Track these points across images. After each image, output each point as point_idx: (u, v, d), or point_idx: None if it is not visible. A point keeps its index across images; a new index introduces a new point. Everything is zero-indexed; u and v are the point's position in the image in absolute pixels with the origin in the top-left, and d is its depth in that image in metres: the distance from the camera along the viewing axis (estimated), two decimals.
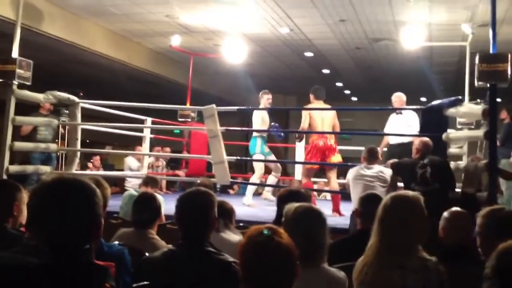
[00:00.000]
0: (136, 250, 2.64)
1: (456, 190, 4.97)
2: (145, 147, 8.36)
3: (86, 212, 1.43)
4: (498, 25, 5.47)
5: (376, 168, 5.14)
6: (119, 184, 9.28)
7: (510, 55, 4.63)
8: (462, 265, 2.46)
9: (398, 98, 6.87)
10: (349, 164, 6.78)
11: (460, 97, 5.66)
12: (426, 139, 5.04)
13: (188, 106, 9.70)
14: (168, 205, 3.94)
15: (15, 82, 5.81)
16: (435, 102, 5.71)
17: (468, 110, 5.42)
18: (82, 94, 7.10)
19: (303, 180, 6.58)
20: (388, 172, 5.13)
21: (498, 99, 4.76)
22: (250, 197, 7.07)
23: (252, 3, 8.06)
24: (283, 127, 15.20)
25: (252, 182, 7.23)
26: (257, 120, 7.10)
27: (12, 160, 6.28)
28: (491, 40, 4.72)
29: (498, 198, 4.82)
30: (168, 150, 10.18)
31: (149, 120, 8.28)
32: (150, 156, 8.91)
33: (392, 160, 5.31)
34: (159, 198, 3.62)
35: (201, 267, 2.17)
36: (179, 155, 9.84)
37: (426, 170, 4.76)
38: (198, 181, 5.17)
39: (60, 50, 9.81)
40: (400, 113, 6.76)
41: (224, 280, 2.12)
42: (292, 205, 2.36)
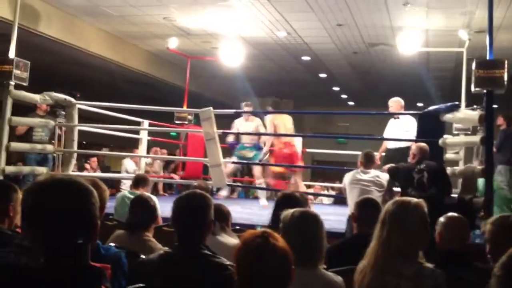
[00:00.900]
0: (131, 252, 2.62)
1: (452, 195, 4.98)
2: (142, 149, 8.33)
3: (81, 213, 1.40)
4: (495, 31, 5.49)
5: (373, 173, 5.13)
6: (115, 186, 9.26)
7: (506, 62, 4.65)
8: (457, 271, 2.46)
9: (395, 103, 6.81)
10: (345, 168, 6.78)
11: (456, 102, 5.68)
12: (422, 144, 5.05)
13: (185, 108, 9.69)
14: (165, 207, 3.93)
15: (12, 83, 5.80)
16: (431, 108, 5.73)
17: (464, 116, 5.43)
18: (79, 96, 7.06)
19: (271, 181, 7.13)
20: (384, 177, 5.12)
21: (495, 105, 4.78)
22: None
23: (249, 7, 8.07)
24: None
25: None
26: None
27: (8, 161, 6.25)
28: (488, 46, 4.74)
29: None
30: (165, 152, 10.17)
31: (146, 123, 8.25)
32: (148, 159, 8.90)
33: (388, 165, 5.31)
34: (154, 199, 3.59)
35: (197, 270, 2.16)
36: (176, 158, 9.82)
37: (423, 175, 4.76)
38: (195, 183, 5.14)
39: (57, 51, 9.80)
40: (398, 118, 6.76)
41: (220, 283, 2.11)
42: (289, 211, 2.36)
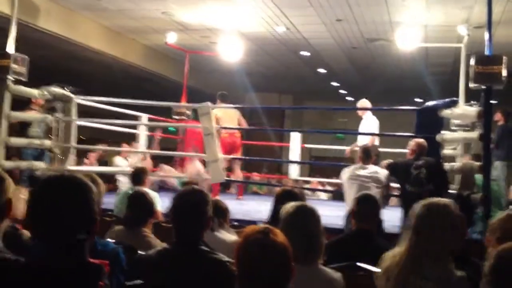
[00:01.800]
0: (129, 248, 2.62)
1: (450, 191, 4.98)
2: (140, 144, 8.31)
3: (81, 209, 1.44)
4: (493, 27, 5.47)
5: (371, 169, 5.14)
6: (112, 181, 9.23)
7: (505, 58, 4.65)
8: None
9: (360, 105, 7.31)
10: (342, 164, 6.79)
11: (455, 98, 5.68)
12: (421, 140, 5.05)
13: (183, 103, 9.66)
14: (164, 202, 3.92)
15: (10, 78, 5.78)
16: (430, 103, 5.73)
17: (463, 112, 5.43)
18: (78, 90, 7.03)
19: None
20: (382, 173, 5.13)
21: (493, 101, 4.78)
22: None
23: (249, 1, 8.05)
24: (279, 126, 15.24)
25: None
26: None
27: (4, 156, 6.22)
28: (487, 42, 4.74)
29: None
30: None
31: (144, 117, 8.23)
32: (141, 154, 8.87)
33: (387, 161, 5.31)
34: (153, 195, 3.57)
35: (195, 266, 2.16)
36: (173, 153, 9.79)
37: (421, 171, 4.76)
38: (186, 178, 5.06)
39: (55, 45, 9.76)
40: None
41: (218, 280, 2.11)
42: (287, 205, 2.37)
